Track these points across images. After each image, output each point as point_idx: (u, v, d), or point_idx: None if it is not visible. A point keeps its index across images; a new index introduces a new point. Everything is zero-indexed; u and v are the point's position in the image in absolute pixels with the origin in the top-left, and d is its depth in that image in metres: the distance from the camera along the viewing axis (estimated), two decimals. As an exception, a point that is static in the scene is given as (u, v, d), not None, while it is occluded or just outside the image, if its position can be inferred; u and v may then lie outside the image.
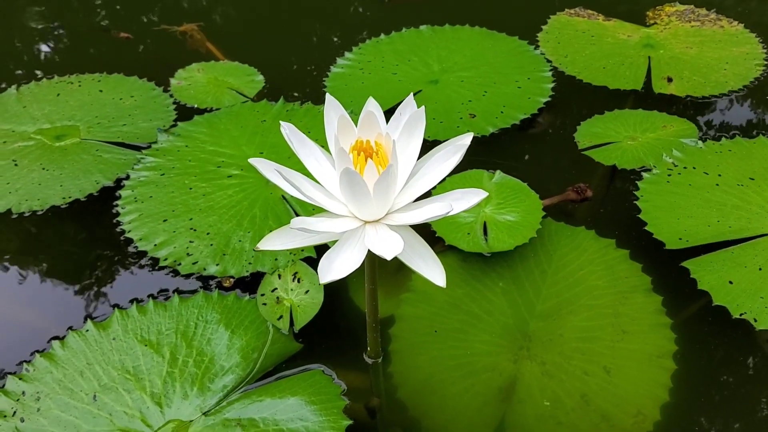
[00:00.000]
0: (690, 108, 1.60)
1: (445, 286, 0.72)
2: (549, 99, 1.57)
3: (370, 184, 0.71)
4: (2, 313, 1.17)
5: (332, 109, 0.79)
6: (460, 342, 1.06)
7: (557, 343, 1.05)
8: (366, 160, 0.72)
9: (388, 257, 0.67)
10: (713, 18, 1.88)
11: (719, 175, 1.29)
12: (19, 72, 1.85)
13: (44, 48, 1.99)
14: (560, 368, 1.01)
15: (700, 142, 1.38)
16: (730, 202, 1.23)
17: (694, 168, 1.31)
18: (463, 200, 0.73)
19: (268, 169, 0.76)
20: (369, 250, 0.72)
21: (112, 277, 1.21)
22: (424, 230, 1.15)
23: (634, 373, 1.00)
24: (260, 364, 0.99)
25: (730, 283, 1.08)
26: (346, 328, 1.11)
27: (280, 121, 0.80)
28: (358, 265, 0.71)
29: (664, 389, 0.98)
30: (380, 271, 1.16)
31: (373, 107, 0.79)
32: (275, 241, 0.76)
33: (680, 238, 1.17)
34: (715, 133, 1.53)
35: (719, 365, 1.06)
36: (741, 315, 1.04)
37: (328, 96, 0.80)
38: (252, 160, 0.76)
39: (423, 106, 0.77)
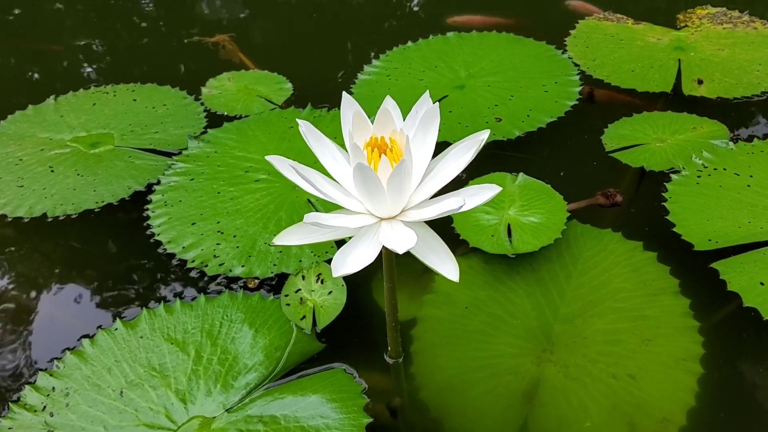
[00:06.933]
0: (721, 110, 1.56)
1: (458, 281, 0.72)
2: (576, 102, 1.56)
3: (384, 179, 0.71)
4: (36, 312, 1.20)
5: (348, 107, 0.80)
6: (483, 344, 1.05)
7: (581, 346, 1.03)
8: (380, 156, 0.73)
9: (400, 251, 0.68)
10: (746, 20, 1.84)
11: (751, 176, 1.26)
12: (58, 84, 1.91)
13: (84, 62, 2.05)
14: (584, 371, 1.00)
15: (731, 143, 1.35)
16: (761, 203, 1.20)
17: (724, 169, 1.28)
18: (477, 195, 0.73)
19: (283, 165, 0.77)
20: (386, 249, 0.73)
21: (142, 277, 1.24)
22: (448, 233, 1.16)
23: (660, 377, 0.98)
24: (283, 362, 1.00)
25: (762, 284, 1.05)
26: (368, 329, 1.11)
27: (297, 119, 0.81)
28: (371, 260, 0.71)
29: (691, 393, 0.96)
30: (405, 274, 1.16)
31: (389, 105, 0.80)
32: (292, 237, 0.77)
33: (710, 240, 1.14)
34: (746, 134, 1.50)
35: (747, 369, 1.03)
36: (772, 317, 1.01)
37: (344, 94, 0.81)
38: (268, 157, 0.77)
39: (437, 102, 0.78)
